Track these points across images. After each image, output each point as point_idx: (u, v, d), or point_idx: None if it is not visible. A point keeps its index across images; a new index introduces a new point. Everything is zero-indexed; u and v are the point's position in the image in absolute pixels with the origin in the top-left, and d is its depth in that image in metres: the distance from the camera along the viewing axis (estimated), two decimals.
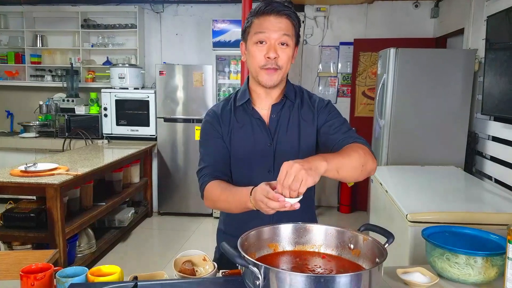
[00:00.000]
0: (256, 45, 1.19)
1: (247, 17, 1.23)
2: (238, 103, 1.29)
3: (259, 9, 1.19)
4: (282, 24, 1.17)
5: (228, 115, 1.29)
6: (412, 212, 1.91)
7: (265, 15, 1.17)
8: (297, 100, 1.30)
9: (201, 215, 4.40)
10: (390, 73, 3.15)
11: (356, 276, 0.80)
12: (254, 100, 1.29)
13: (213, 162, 1.25)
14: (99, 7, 4.77)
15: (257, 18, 1.19)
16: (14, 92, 5.13)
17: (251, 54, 1.21)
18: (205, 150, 1.29)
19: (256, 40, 1.18)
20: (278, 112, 1.28)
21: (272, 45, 1.17)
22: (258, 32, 1.17)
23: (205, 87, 4.36)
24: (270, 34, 1.16)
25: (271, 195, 0.94)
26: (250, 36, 1.21)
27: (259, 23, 1.18)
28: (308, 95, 1.33)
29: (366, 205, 4.35)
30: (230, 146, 1.28)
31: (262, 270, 0.82)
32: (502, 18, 2.63)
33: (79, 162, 3.33)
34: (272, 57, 1.17)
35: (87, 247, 3.22)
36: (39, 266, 1.10)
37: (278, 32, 1.16)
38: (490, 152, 2.93)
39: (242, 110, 1.29)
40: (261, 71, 1.20)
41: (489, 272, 1.17)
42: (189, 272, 1.16)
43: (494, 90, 2.71)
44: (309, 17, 4.62)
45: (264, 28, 1.17)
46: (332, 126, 1.25)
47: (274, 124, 1.27)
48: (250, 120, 1.28)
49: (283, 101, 1.29)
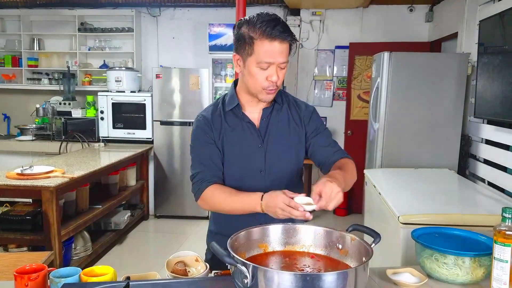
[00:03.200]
0: (259, 68, 1.21)
1: (247, 33, 1.20)
2: (227, 108, 1.34)
3: (264, 31, 1.17)
4: (285, 50, 1.20)
5: (218, 119, 1.33)
6: (404, 214, 1.93)
7: (270, 39, 1.17)
8: (285, 104, 1.37)
9: (197, 218, 4.42)
10: (384, 76, 3.18)
11: (342, 274, 0.81)
12: (243, 105, 1.34)
13: (208, 167, 1.30)
14: (96, 11, 4.80)
15: (260, 41, 1.18)
16: (11, 95, 5.13)
17: (252, 74, 1.23)
18: (199, 155, 1.33)
19: (260, 66, 1.20)
20: (268, 115, 1.34)
21: (274, 70, 1.21)
22: (264, 61, 1.19)
23: (202, 90, 4.38)
24: (275, 61, 1.20)
25: (293, 204, 1.06)
26: (251, 57, 1.21)
27: (263, 48, 1.18)
28: (293, 99, 1.41)
29: (361, 208, 4.36)
30: (222, 149, 1.32)
31: (250, 269, 0.84)
32: (494, 23, 2.67)
33: (76, 165, 3.34)
34: (275, 81, 1.22)
35: (83, 249, 3.23)
36: (33, 266, 1.11)
37: (281, 59, 1.20)
38: (483, 155, 2.96)
39: (232, 115, 1.34)
40: (262, 91, 1.25)
41: (477, 272, 1.19)
42: (181, 272, 1.17)
43: (486, 93, 2.74)
44: (305, 21, 4.65)
45: (269, 56, 1.18)
46: (322, 138, 1.37)
47: (265, 126, 1.33)
48: (241, 124, 1.33)
49: (272, 105, 1.35)
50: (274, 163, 1.32)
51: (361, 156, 3.94)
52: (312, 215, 1.05)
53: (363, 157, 3.87)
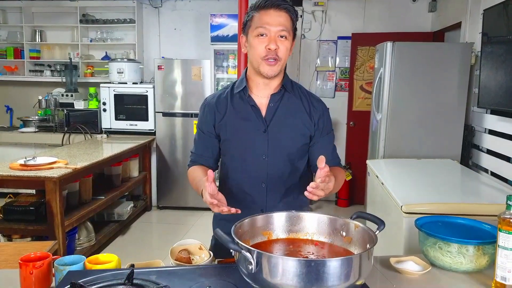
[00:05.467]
0: (257, 38, 1.25)
1: (248, 11, 1.30)
2: (235, 90, 1.36)
3: (259, 3, 1.26)
4: (281, 18, 1.24)
5: (224, 102, 1.36)
6: (407, 203, 1.93)
7: (265, 9, 1.24)
8: (296, 93, 1.37)
9: (199, 209, 4.43)
10: (387, 67, 3.16)
11: (346, 260, 0.81)
12: (251, 88, 1.35)
13: (200, 151, 1.41)
14: (98, 2, 4.78)
15: (258, 12, 1.26)
16: (13, 87, 5.14)
17: (252, 46, 1.27)
18: (197, 140, 1.43)
19: (257, 33, 1.25)
20: (277, 102, 1.34)
21: (272, 38, 1.23)
22: (259, 26, 1.24)
23: (204, 82, 4.37)
24: (270, 27, 1.23)
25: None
26: (251, 30, 1.27)
27: (260, 17, 1.25)
28: (306, 91, 1.41)
29: (363, 199, 4.37)
30: (226, 131, 1.35)
31: (254, 255, 0.84)
32: (498, 12, 2.64)
33: (78, 156, 3.34)
34: (273, 49, 1.23)
35: (86, 240, 3.25)
36: (37, 255, 1.11)
37: (278, 26, 1.23)
38: (487, 145, 2.95)
39: (239, 98, 1.35)
40: (262, 62, 1.26)
41: (481, 261, 1.19)
42: (185, 260, 1.18)
43: (490, 83, 2.72)
44: (307, 11, 4.62)
45: (265, 22, 1.23)
46: (325, 141, 1.38)
47: (272, 112, 1.33)
48: (245, 107, 1.34)
49: (281, 91, 1.35)
50: (278, 149, 1.32)
51: (364, 146, 3.93)
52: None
53: (365, 147, 3.86)
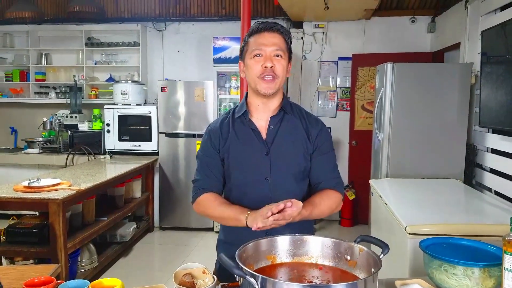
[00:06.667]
0: (253, 59, 1.30)
1: (244, 38, 1.36)
2: (236, 115, 1.38)
3: (253, 29, 1.33)
4: (275, 39, 1.30)
5: (226, 127, 1.38)
6: (411, 224, 1.92)
7: (259, 32, 1.31)
8: (295, 114, 1.39)
9: (202, 230, 4.40)
10: (388, 87, 3.19)
11: (350, 285, 0.81)
12: (251, 112, 1.38)
13: (209, 177, 1.38)
14: (103, 26, 4.88)
15: (253, 37, 1.32)
16: (18, 109, 5.20)
17: (249, 67, 1.32)
18: (203, 164, 1.41)
19: (253, 55, 1.29)
20: (277, 124, 1.36)
21: (268, 57, 1.29)
22: (255, 49, 1.30)
23: (206, 102, 4.42)
24: (266, 48, 1.28)
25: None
26: (247, 53, 1.33)
27: (255, 41, 1.31)
28: (305, 112, 1.43)
29: (367, 219, 4.33)
30: (228, 156, 1.35)
31: (259, 281, 0.84)
32: (496, 32, 2.69)
33: (82, 177, 3.35)
34: (269, 67, 1.27)
35: (88, 262, 3.22)
36: (41, 279, 1.11)
37: (273, 47, 1.29)
38: (489, 164, 2.95)
39: (240, 122, 1.37)
40: (259, 81, 1.29)
41: (487, 283, 1.18)
42: (188, 284, 1.17)
43: (491, 103, 2.74)
44: (307, 33, 4.70)
45: (260, 44, 1.29)
46: (324, 158, 1.37)
47: (272, 134, 1.35)
48: (247, 131, 1.35)
49: (280, 114, 1.36)
50: (280, 171, 1.33)
51: (367, 165, 3.93)
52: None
53: (368, 166, 3.86)
